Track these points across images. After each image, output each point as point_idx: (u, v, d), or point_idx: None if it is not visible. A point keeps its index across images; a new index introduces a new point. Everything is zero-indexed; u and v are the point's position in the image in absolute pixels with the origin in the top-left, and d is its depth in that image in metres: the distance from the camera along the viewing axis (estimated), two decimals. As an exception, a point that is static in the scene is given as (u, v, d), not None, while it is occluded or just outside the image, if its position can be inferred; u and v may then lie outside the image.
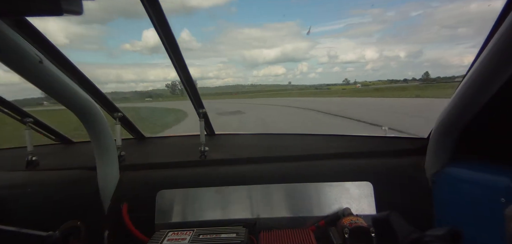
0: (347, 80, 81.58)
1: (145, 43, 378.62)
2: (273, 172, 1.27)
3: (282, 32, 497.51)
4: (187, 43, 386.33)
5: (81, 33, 31.52)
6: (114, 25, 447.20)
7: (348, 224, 0.97)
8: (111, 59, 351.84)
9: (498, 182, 0.87)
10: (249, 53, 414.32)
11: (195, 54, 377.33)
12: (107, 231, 1.20)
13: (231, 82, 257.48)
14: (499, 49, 0.72)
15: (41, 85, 0.88)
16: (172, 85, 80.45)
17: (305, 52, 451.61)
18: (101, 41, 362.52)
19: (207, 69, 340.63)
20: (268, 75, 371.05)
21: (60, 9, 0.44)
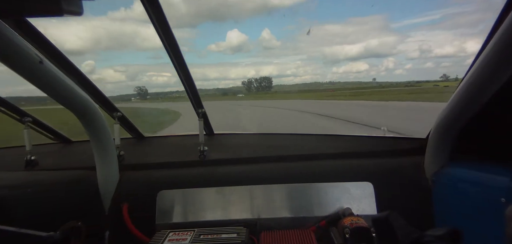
0: (445, 76, 71.07)
1: (228, 43, 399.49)
2: (273, 172, 1.27)
3: (366, 26, 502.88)
4: (267, 42, 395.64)
5: (176, 37, 33.27)
6: (202, 28, 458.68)
7: (349, 224, 0.98)
8: (198, 59, 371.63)
9: (498, 182, 0.87)
10: (329, 49, 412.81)
11: (274, 53, 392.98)
12: (107, 231, 1.20)
13: (309, 80, 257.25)
14: (499, 49, 0.72)
15: (41, 85, 0.88)
16: (248, 83, 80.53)
17: (392, 47, 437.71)
18: (190, 43, 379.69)
19: (285, 67, 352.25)
20: (349, 72, 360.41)
21: (60, 9, 0.44)
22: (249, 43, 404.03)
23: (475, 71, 0.81)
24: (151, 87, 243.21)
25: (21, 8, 0.47)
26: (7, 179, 1.21)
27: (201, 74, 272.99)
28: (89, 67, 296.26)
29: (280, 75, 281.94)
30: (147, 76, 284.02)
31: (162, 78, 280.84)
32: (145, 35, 49.44)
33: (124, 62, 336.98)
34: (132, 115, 1.68)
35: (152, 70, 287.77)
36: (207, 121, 1.66)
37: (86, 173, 1.27)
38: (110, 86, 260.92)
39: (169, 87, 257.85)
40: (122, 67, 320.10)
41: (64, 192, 1.20)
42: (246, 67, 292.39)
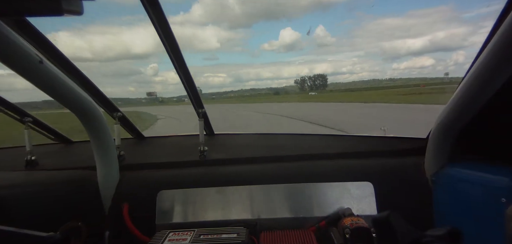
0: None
1: (281, 42, 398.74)
2: (273, 172, 1.27)
3: (430, 18, 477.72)
4: (321, 39, 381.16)
5: (229, 37, 32.79)
6: (256, 28, 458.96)
7: (349, 224, 0.97)
8: (252, 59, 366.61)
9: (498, 182, 0.87)
10: (389, 44, 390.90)
11: (328, 50, 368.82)
12: (107, 231, 1.20)
13: (366, 77, 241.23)
14: (499, 49, 0.72)
15: (41, 85, 0.88)
16: (301, 81, 77.28)
17: (463, 39, 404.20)
18: (243, 43, 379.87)
19: (340, 64, 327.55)
20: (412, 68, 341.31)
21: (61, 9, 0.44)
22: (302, 41, 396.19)
23: (475, 71, 0.81)
24: (208, 88, 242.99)
25: (21, 8, 0.46)
26: (7, 179, 1.21)
27: (255, 74, 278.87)
28: (153, 70, 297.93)
29: (334, 73, 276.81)
30: (204, 77, 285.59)
31: (218, 79, 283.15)
32: (203, 37, 49.05)
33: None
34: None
35: (208, 71, 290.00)
36: (207, 121, 1.66)
37: (86, 173, 1.27)
38: (171, 88, 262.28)
39: (225, 87, 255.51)
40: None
41: (64, 192, 1.20)
42: (299, 65, 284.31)
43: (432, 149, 1.11)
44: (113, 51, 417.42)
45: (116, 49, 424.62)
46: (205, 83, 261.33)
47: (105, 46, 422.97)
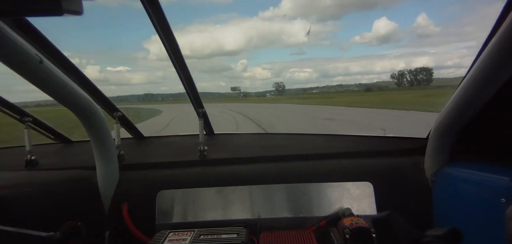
0: None
1: (375, 34, 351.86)
2: (273, 172, 1.27)
3: None
4: (422, 28, 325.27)
5: (318, 31, 31.76)
6: (347, 19, 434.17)
7: (349, 224, 0.97)
8: (340, 53, 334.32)
9: (498, 182, 0.87)
10: None
11: (430, 41, 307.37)
12: (107, 231, 1.20)
13: None
14: (499, 49, 0.72)
15: (41, 85, 0.88)
16: (399, 76, 66.27)
17: None
18: (332, 36, 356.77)
19: (444, 57, 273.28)
20: None
21: (60, 9, 0.43)
22: (399, 31, 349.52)
23: (475, 71, 0.81)
24: (293, 83, 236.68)
25: (21, 8, 0.46)
26: (7, 179, 1.21)
27: (343, 69, 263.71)
28: (242, 66, 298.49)
29: (437, 67, 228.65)
30: (290, 72, 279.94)
31: (303, 74, 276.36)
32: (291, 31, 48.30)
33: (270, 60, 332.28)
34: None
35: (294, 66, 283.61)
36: (207, 121, 1.66)
37: (86, 173, 1.27)
38: (258, 83, 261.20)
39: (310, 82, 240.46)
40: (268, 64, 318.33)
41: (64, 192, 1.20)
42: (394, 59, 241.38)
43: (432, 148, 1.11)
44: (208, 49, 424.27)
45: (211, 47, 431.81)
46: (290, 79, 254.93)
47: (202, 44, 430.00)
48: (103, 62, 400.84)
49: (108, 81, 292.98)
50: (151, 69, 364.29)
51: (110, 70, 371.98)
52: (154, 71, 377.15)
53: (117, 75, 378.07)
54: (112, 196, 1.24)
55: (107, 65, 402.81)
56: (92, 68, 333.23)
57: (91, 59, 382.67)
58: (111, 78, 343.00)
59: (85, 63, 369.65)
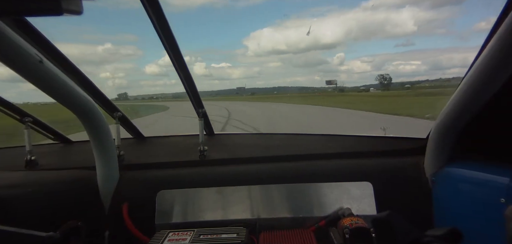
0: None
1: None
2: (273, 172, 1.27)
3: None
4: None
5: (430, 18, 29.86)
6: (468, 4, 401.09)
7: (348, 224, 0.97)
8: (458, 42, 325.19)
9: (498, 182, 0.87)
10: None
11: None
12: (107, 231, 1.20)
13: None
14: (499, 49, 0.72)
15: (41, 85, 0.88)
16: None
17: None
18: (449, 24, 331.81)
19: None
20: None
21: (60, 9, 0.43)
22: None
23: (475, 71, 0.81)
24: (397, 77, 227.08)
25: (21, 8, 0.46)
26: (7, 179, 1.21)
27: (460, 60, 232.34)
28: (339, 59, 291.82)
29: None
30: (393, 65, 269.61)
31: (409, 67, 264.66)
32: (397, 20, 44.45)
33: (370, 52, 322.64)
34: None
35: (399, 59, 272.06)
36: (207, 121, 1.66)
37: (86, 173, 1.27)
38: (356, 77, 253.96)
39: (418, 76, 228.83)
40: (368, 57, 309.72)
41: (64, 192, 1.20)
42: None
43: (432, 148, 1.11)
44: (304, 43, 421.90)
45: (307, 41, 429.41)
46: (393, 72, 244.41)
47: (298, 38, 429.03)
48: (208, 60, 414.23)
49: (212, 76, 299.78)
50: (249, 65, 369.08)
51: (214, 66, 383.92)
52: (251, 66, 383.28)
53: (219, 71, 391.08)
54: (112, 196, 1.24)
55: (212, 62, 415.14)
56: (199, 65, 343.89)
57: (199, 57, 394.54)
58: (214, 73, 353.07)
59: (194, 61, 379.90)
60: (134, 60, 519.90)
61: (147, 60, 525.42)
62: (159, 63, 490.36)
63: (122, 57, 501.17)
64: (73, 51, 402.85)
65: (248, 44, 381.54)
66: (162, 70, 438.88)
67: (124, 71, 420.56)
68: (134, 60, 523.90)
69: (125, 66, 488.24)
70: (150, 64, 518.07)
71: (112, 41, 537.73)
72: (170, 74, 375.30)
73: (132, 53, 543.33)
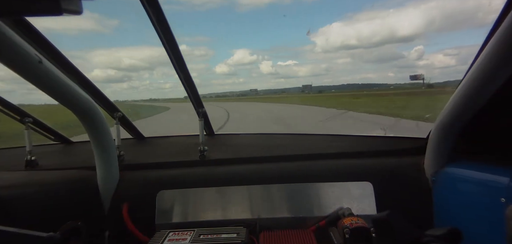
0: None
1: None
2: (273, 172, 1.27)
3: None
4: None
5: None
6: None
7: (348, 224, 0.97)
8: None
9: (498, 181, 0.87)
10: None
11: None
12: (107, 231, 1.20)
13: None
14: (499, 49, 0.72)
15: (41, 85, 0.88)
16: None
17: None
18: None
19: None
20: None
21: (60, 9, 0.43)
22: None
23: (475, 71, 0.81)
24: None
25: (20, 8, 0.46)
26: (7, 179, 1.21)
27: None
28: (417, 53, 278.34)
29: None
30: None
31: None
32: (494, 4, 36.63)
33: (456, 44, 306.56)
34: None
35: None
36: (207, 121, 1.66)
37: (86, 173, 1.27)
38: (436, 72, 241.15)
39: None
40: (453, 49, 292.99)
41: (64, 192, 1.20)
42: None
43: (432, 148, 1.11)
44: (378, 36, 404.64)
45: (381, 34, 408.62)
46: None
47: (371, 31, 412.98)
48: (275, 58, 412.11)
49: (278, 74, 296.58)
50: (316, 62, 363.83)
51: (280, 64, 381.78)
52: (319, 63, 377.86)
53: (285, 69, 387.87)
54: (112, 196, 1.24)
55: (278, 60, 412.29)
56: (266, 63, 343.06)
57: (266, 55, 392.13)
58: (281, 71, 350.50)
59: (261, 59, 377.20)
60: (206, 61, 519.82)
61: (217, 60, 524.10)
62: (228, 62, 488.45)
63: (196, 58, 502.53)
64: (154, 53, 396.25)
65: (316, 40, 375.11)
66: (231, 70, 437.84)
67: (197, 71, 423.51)
68: (206, 60, 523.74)
69: (198, 67, 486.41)
70: (220, 64, 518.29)
71: (187, 43, 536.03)
72: (239, 73, 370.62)
73: (204, 54, 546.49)
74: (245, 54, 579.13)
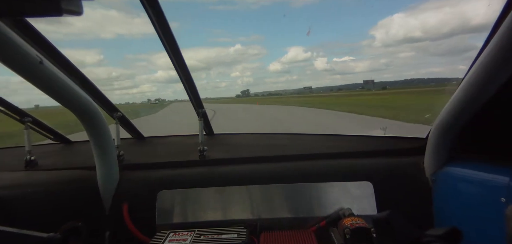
0: None
1: None
2: (273, 172, 1.27)
3: None
4: None
5: None
6: None
7: (349, 224, 0.97)
8: None
9: (498, 181, 0.87)
10: None
11: None
12: (107, 231, 1.20)
13: None
14: (499, 49, 0.72)
15: (41, 85, 0.88)
16: None
17: None
18: None
19: None
20: None
21: (60, 9, 0.43)
22: None
23: (475, 71, 0.81)
24: None
25: (20, 8, 0.46)
26: (7, 179, 1.21)
27: None
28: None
29: None
30: None
31: None
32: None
33: None
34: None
35: None
36: (207, 121, 1.66)
37: (86, 173, 1.27)
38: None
39: None
40: None
41: (64, 192, 1.20)
42: None
43: (431, 148, 1.11)
44: (447, 27, 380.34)
45: (451, 24, 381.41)
46: None
47: (439, 21, 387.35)
48: (330, 54, 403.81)
49: (333, 70, 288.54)
50: (375, 57, 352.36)
51: (336, 61, 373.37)
52: (378, 58, 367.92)
53: (341, 65, 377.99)
54: (112, 196, 1.24)
55: (334, 56, 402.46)
56: (320, 60, 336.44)
57: (320, 51, 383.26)
58: (336, 68, 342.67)
59: (315, 56, 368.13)
60: (259, 59, 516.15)
61: (271, 58, 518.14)
62: (281, 60, 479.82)
63: (250, 57, 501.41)
64: (211, 54, 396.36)
65: (375, 33, 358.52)
66: (284, 68, 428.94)
67: (251, 70, 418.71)
68: (260, 59, 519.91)
69: (251, 65, 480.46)
70: (274, 62, 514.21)
71: (242, 42, 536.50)
72: (292, 71, 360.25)
73: (258, 53, 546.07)
74: (298, 52, 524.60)
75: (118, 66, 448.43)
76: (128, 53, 29.81)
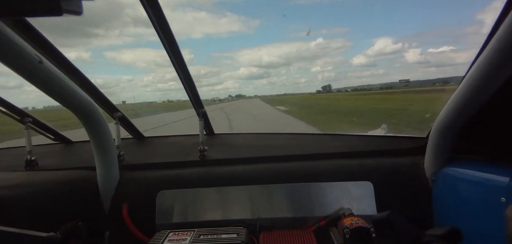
0: None
1: None
2: (273, 171, 1.27)
3: None
4: None
5: None
6: None
7: (349, 224, 0.97)
8: None
9: (498, 181, 0.87)
10: None
11: None
12: (107, 231, 1.20)
13: None
14: (499, 49, 0.72)
15: (41, 85, 0.88)
16: None
17: None
18: None
19: None
20: None
21: (60, 9, 0.43)
22: None
23: (475, 71, 0.81)
24: None
25: (21, 8, 0.46)
26: (7, 179, 1.21)
27: None
28: None
29: None
30: None
31: None
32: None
33: None
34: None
35: None
36: (207, 121, 1.66)
37: (86, 173, 1.27)
38: None
39: None
40: None
41: (64, 192, 1.20)
42: None
43: (432, 148, 1.11)
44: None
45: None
46: None
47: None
48: (424, 44, 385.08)
49: (428, 63, 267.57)
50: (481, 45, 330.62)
51: (431, 51, 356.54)
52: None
53: (438, 56, 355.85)
54: (112, 196, 1.24)
55: (429, 46, 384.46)
56: (413, 51, 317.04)
57: (413, 42, 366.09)
58: (431, 59, 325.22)
59: (407, 47, 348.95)
60: (342, 53, 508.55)
61: (355, 52, 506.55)
62: (367, 53, 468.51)
63: (332, 51, 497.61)
64: (292, 50, 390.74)
65: (484, 17, 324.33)
66: (370, 61, 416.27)
67: (332, 65, 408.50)
68: (343, 53, 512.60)
69: (333, 60, 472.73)
70: (358, 55, 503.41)
71: (323, 36, 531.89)
72: (378, 64, 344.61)
73: (341, 46, 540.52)
74: (387, 43, 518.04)
75: (206, 65, 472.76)
76: (214, 52, 29.89)
